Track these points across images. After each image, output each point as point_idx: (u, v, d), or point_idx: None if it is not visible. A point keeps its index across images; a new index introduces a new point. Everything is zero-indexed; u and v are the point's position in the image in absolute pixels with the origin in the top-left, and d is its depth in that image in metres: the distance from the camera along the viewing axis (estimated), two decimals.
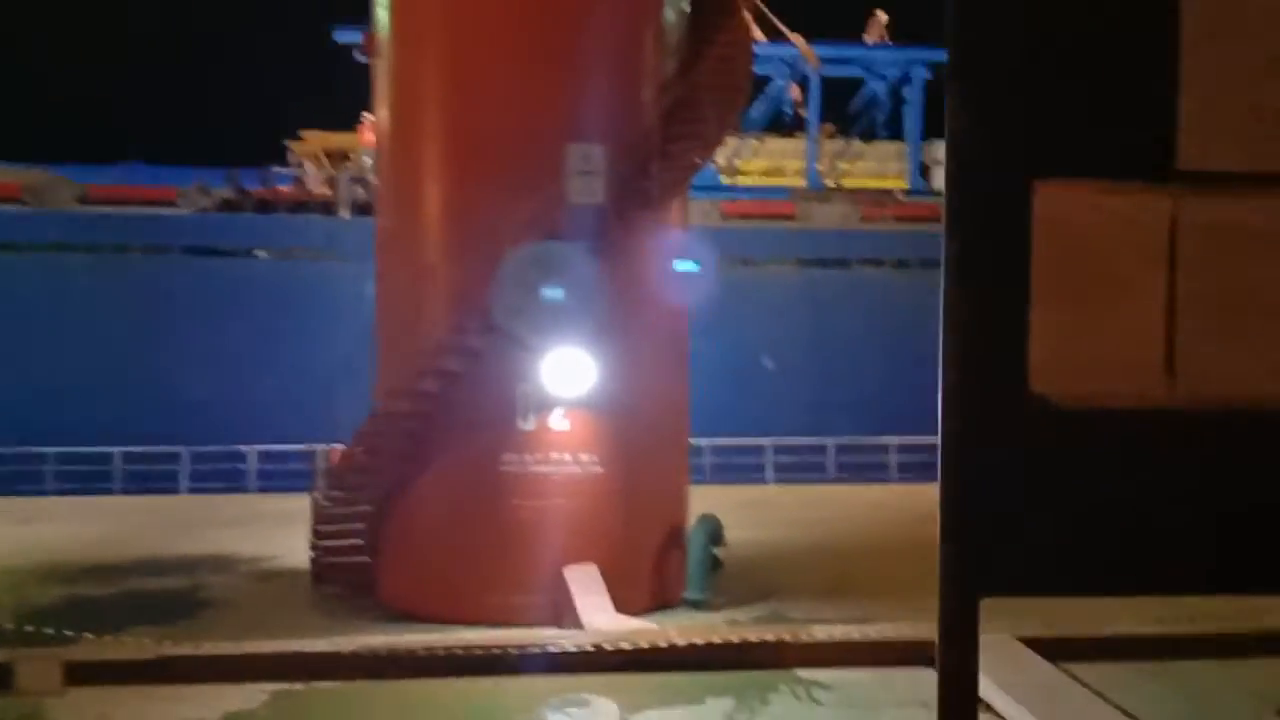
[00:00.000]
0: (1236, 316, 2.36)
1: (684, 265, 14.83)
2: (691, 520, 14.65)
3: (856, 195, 32.62)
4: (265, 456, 23.20)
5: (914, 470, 24.40)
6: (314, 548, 14.97)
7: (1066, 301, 2.35)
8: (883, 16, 34.16)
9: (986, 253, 2.34)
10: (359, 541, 14.70)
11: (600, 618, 12.47)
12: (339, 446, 15.07)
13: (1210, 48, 2.39)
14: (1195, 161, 2.38)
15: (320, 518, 14.98)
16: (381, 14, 15.00)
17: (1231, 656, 11.29)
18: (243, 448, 23.38)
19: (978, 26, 2.33)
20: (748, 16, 15.53)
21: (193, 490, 22.82)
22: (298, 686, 10.94)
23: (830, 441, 25.19)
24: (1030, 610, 9.60)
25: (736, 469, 23.77)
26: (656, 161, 14.02)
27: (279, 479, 21.47)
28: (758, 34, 17.06)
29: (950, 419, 2.29)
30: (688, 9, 14.96)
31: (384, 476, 14.36)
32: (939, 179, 34.48)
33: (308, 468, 18.16)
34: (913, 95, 34.23)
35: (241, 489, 22.58)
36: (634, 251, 14.24)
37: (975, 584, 2.30)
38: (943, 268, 2.37)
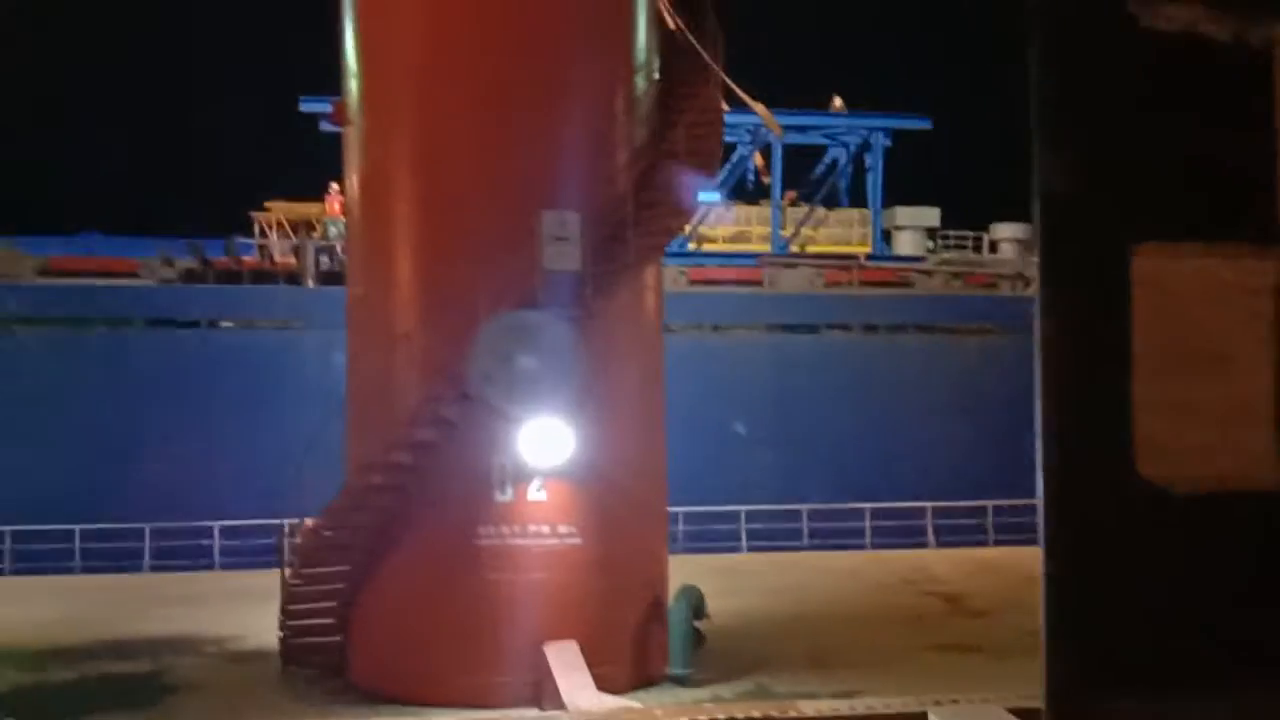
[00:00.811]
0: None
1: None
2: (672, 592, 14.36)
3: (821, 260, 32.81)
4: (230, 533, 22.62)
5: (886, 535, 24.24)
6: (283, 627, 14.53)
7: (1170, 375, 2.19)
8: (838, 101, 35.02)
9: (1085, 323, 2.17)
10: (330, 620, 14.29)
11: (583, 697, 12.13)
12: (310, 521, 14.66)
13: None
14: None
15: (290, 596, 14.55)
16: (352, 83, 14.92)
17: None
18: (207, 524, 22.80)
19: (1070, 83, 2.19)
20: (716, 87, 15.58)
21: (155, 568, 22.20)
22: None
23: (804, 507, 24.98)
24: (1016, 677, 9.42)
25: (710, 536, 23.49)
26: (631, 228, 13.92)
27: (245, 556, 20.91)
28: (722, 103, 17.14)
29: (1053, 505, 2.11)
30: (659, 78, 14.99)
31: (356, 552, 13.99)
32: (901, 244, 35.00)
33: (275, 544, 17.70)
34: (874, 162, 34.68)
35: (206, 567, 21.98)
36: (610, 318, 14.11)
37: (1084, 684, 2.10)
38: (1037, 339, 2.20)
